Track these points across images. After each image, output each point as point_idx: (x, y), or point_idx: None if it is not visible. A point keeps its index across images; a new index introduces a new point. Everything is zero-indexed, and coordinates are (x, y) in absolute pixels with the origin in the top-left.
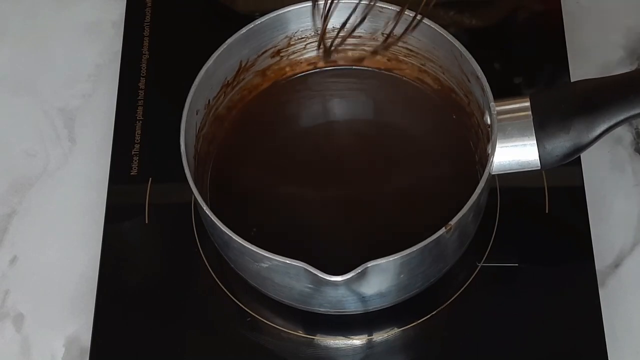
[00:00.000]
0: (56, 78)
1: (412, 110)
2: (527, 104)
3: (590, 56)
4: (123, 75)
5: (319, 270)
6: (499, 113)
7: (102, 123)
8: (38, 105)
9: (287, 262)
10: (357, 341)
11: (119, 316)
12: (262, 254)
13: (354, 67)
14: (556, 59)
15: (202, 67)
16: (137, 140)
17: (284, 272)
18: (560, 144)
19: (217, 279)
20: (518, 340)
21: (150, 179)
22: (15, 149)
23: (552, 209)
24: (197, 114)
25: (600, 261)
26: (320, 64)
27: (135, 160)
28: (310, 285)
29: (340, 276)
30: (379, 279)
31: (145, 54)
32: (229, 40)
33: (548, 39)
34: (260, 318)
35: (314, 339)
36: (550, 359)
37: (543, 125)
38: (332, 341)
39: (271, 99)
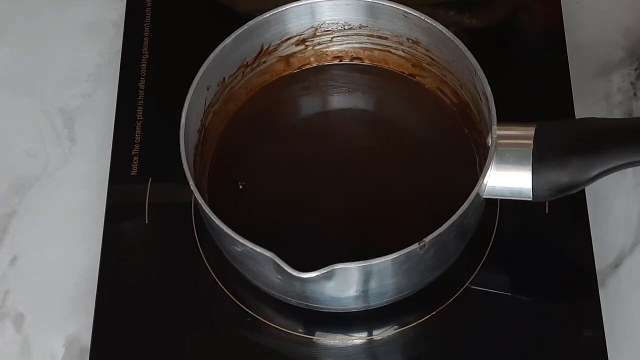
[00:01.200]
0: (56, 78)
1: (426, 119)
2: (532, 132)
3: (590, 56)
4: (123, 75)
5: (285, 263)
6: (503, 137)
7: (102, 123)
8: (38, 105)
9: (257, 250)
10: (357, 340)
11: (119, 316)
12: (235, 238)
13: (379, 66)
14: (556, 59)
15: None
16: (137, 140)
17: (255, 260)
18: (555, 180)
19: (217, 279)
20: (518, 339)
21: (150, 179)
22: (15, 149)
23: (552, 209)
24: (208, 89)
25: (600, 261)
26: (346, 59)
27: (135, 160)
28: (279, 277)
29: (306, 273)
30: (346, 283)
31: (145, 54)
32: (250, 22)
33: (548, 39)
34: (260, 318)
35: (313, 338)
36: (550, 359)
37: (541, 158)
38: (331, 341)
39: (290, 87)
